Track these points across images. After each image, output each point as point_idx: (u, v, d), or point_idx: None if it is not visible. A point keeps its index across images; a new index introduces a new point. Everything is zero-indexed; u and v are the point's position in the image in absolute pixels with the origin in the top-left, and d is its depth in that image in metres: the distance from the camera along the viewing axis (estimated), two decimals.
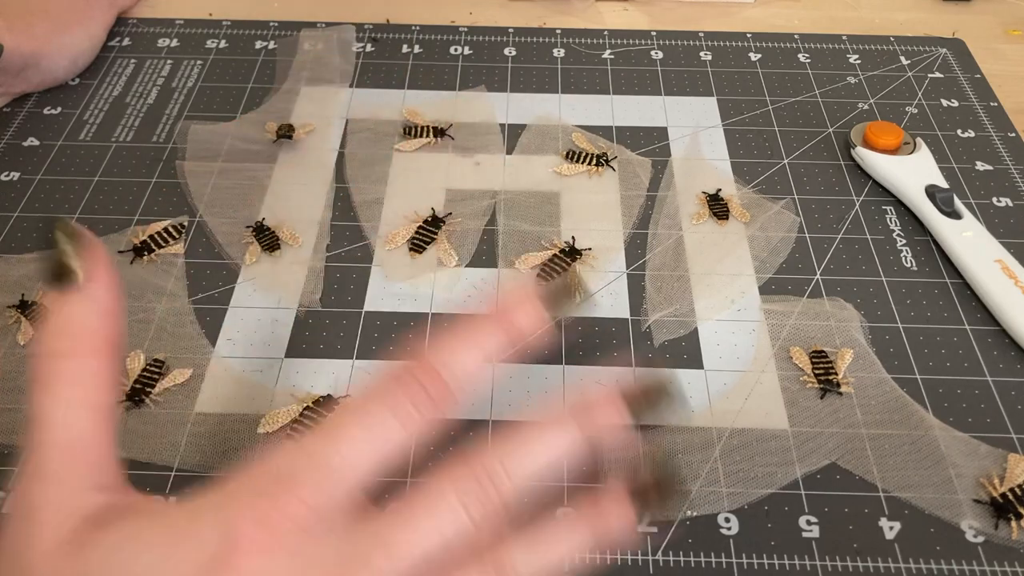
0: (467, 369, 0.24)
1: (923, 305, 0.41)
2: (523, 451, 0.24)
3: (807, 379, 0.37)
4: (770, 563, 0.32)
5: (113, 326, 0.23)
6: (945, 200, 0.44)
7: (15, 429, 0.35)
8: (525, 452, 0.24)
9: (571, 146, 0.49)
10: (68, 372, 0.22)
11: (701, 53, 0.56)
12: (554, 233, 0.44)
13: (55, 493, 0.22)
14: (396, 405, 0.23)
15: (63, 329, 0.23)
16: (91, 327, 0.23)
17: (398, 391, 0.23)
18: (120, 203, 0.45)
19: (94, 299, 0.23)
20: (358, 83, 0.53)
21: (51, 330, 0.23)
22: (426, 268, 0.42)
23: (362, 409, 0.23)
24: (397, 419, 0.23)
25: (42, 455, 0.22)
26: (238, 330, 0.39)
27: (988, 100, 0.52)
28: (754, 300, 0.41)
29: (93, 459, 0.23)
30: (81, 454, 0.22)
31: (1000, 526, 0.33)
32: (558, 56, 0.55)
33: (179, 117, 0.50)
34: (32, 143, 0.48)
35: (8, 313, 0.39)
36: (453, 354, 0.24)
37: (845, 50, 0.56)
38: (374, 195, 0.46)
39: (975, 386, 0.37)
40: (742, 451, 0.35)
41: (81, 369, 0.23)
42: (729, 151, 0.49)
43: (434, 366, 0.24)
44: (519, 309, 0.25)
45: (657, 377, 0.25)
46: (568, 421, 0.24)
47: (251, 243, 0.43)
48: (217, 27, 0.57)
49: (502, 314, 0.25)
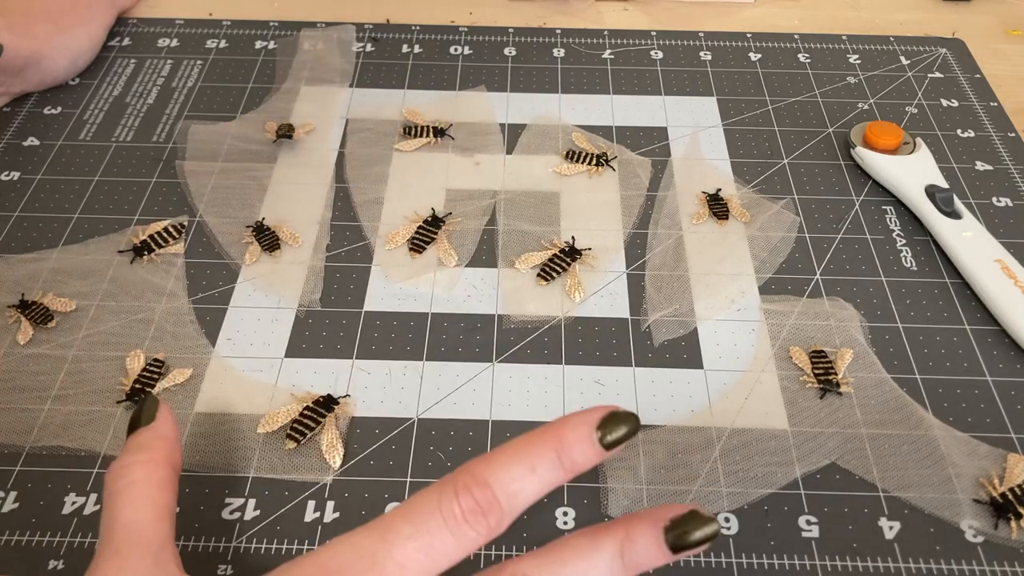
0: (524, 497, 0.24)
1: (923, 305, 0.41)
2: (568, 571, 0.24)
3: (807, 379, 0.37)
4: (770, 563, 0.32)
5: (174, 450, 0.29)
6: (945, 200, 0.44)
7: (15, 429, 0.35)
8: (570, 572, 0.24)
9: (571, 146, 0.49)
10: (136, 474, 0.27)
11: (701, 53, 0.56)
12: (554, 233, 0.44)
13: (116, 565, 0.25)
14: (454, 522, 0.23)
15: (138, 446, 0.28)
16: (157, 446, 0.28)
17: (455, 504, 0.24)
18: (120, 203, 0.45)
19: (161, 431, 0.29)
20: (358, 83, 0.53)
21: (128, 447, 0.28)
22: (426, 268, 0.42)
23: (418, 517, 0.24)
24: (453, 536, 0.23)
25: (110, 535, 0.26)
26: (238, 330, 0.39)
27: (988, 100, 0.52)
28: (754, 300, 0.41)
29: (151, 540, 0.26)
30: (141, 535, 0.26)
31: (1000, 526, 0.33)
32: (558, 56, 0.55)
33: (179, 117, 0.50)
34: (32, 143, 0.48)
35: (8, 313, 0.39)
36: (509, 473, 0.24)
37: (845, 50, 0.56)
38: (374, 195, 0.46)
39: (975, 386, 0.37)
40: (742, 451, 0.35)
41: (147, 473, 0.27)
42: (729, 151, 0.49)
43: (491, 485, 0.24)
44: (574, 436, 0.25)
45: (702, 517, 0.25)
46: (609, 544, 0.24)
47: (251, 243, 0.43)
48: (217, 27, 0.57)
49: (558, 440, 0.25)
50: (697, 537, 0.24)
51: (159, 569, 0.25)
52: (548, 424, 0.25)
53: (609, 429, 0.25)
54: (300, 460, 0.34)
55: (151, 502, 0.27)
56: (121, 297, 0.40)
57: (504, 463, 0.24)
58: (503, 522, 0.24)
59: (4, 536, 0.32)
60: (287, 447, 0.35)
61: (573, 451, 0.25)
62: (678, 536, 0.24)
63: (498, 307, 0.40)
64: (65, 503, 0.33)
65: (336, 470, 0.34)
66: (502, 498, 0.24)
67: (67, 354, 0.38)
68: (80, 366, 0.37)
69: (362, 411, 0.36)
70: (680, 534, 0.24)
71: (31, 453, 0.35)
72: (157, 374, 0.37)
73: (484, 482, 0.24)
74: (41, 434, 0.35)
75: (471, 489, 0.24)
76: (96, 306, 0.40)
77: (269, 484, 0.34)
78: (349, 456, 0.35)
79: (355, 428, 0.36)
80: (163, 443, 0.29)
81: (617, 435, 0.25)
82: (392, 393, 0.37)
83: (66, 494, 0.33)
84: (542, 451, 0.24)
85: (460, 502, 0.24)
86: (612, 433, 0.25)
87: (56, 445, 0.35)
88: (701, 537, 0.24)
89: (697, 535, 0.24)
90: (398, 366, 0.38)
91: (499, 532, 0.24)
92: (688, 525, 0.24)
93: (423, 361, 0.38)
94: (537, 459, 0.24)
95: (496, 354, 0.38)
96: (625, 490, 0.34)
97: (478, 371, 0.38)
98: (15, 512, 0.33)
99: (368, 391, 0.37)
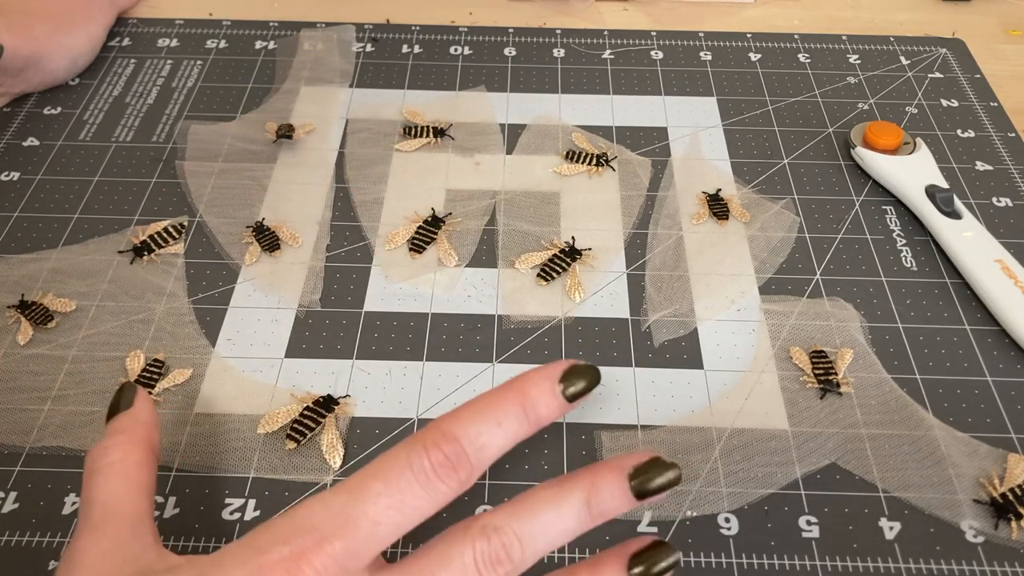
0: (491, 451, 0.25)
1: (923, 305, 0.41)
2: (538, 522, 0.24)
3: (807, 379, 0.37)
4: (770, 563, 0.32)
5: (152, 432, 0.30)
6: (945, 200, 0.44)
7: (15, 429, 0.35)
8: (539, 524, 0.24)
9: (571, 146, 0.49)
10: (115, 454, 0.28)
11: (701, 53, 0.56)
12: (554, 233, 0.44)
13: (94, 538, 0.25)
14: (424, 477, 0.24)
15: (115, 429, 0.29)
16: (135, 429, 0.29)
17: (424, 459, 0.24)
18: (120, 203, 0.45)
19: (138, 415, 0.30)
20: (358, 83, 0.53)
21: (107, 431, 0.29)
22: (426, 268, 0.42)
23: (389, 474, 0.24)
24: (424, 490, 0.24)
25: (88, 511, 0.26)
26: (238, 330, 0.39)
27: (988, 100, 0.52)
28: (754, 300, 0.41)
29: (128, 513, 0.26)
30: (118, 509, 0.26)
31: (1000, 526, 0.33)
32: (558, 56, 0.55)
33: (179, 117, 0.50)
34: (32, 143, 0.48)
35: (8, 313, 0.39)
36: (476, 428, 0.25)
37: (845, 50, 0.56)
38: (374, 195, 0.46)
39: (975, 386, 0.37)
40: (742, 451, 0.35)
41: (125, 452, 0.28)
42: (729, 151, 0.49)
43: (460, 440, 0.24)
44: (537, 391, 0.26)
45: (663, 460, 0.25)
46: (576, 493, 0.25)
47: (251, 243, 0.43)
48: (217, 27, 0.57)
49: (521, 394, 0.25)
50: (660, 483, 0.25)
51: (136, 542, 0.26)
52: (511, 380, 0.26)
53: (570, 382, 0.26)
54: (300, 460, 0.34)
55: (128, 479, 0.27)
56: (121, 297, 0.40)
57: (471, 418, 0.25)
58: (472, 475, 0.25)
59: (4, 536, 0.32)
60: (287, 447, 0.35)
61: (537, 405, 0.25)
62: (641, 483, 0.25)
63: (498, 307, 0.40)
64: (65, 503, 0.33)
65: (336, 470, 0.34)
66: (471, 451, 0.24)
67: (67, 354, 0.38)
68: (80, 366, 0.37)
69: (362, 411, 0.36)
70: (643, 480, 0.25)
71: (31, 453, 0.35)
72: (157, 374, 0.37)
73: (453, 437, 0.24)
74: (41, 434, 0.35)
75: (440, 444, 0.24)
76: (96, 306, 0.40)
77: (269, 484, 0.34)
78: (349, 456, 0.35)
79: (355, 428, 0.36)
80: (141, 426, 0.29)
81: (578, 387, 0.26)
82: (392, 393, 0.37)
83: (66, 494, 0.33)
84: (507, 406, 0.25)
85: (430, 457, 0.24)
86: (573, 386, 0.26)
87: (56, 445, 0.35)
88: (664, 482, 0.25)
89: (659, 481, 0.25)
90: (398, 366, 0.38)
91: (468, 485, 0.25)
92: (651, 472, 0.25)
93: (423, 361, 0.38)
94: (503, 414, 0.25)
95: (496, 354, 0.38)
96: None
97: (478, 371, 0.38)
98: (15, 512, 0.33)
99: (368, 391, 0.37)
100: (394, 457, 0.24)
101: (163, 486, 0.34)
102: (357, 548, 0.23)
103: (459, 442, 0.24)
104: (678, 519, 0.33)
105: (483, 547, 0.24)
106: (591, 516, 0.25)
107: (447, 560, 0.24)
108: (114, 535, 0.26)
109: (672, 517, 0.33)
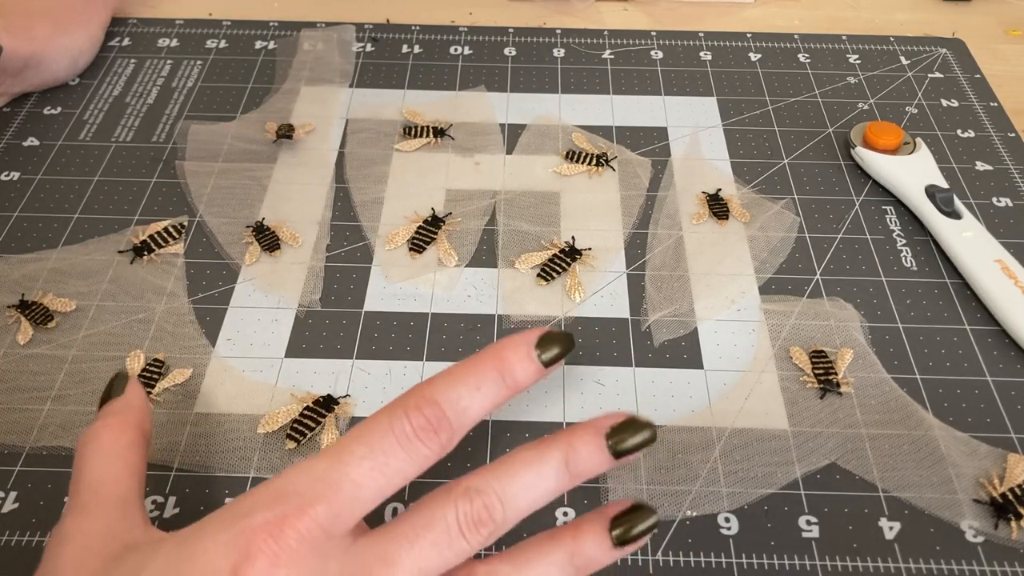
0: (471, 414, 0.25)
1: (923, 305, 0.41)
2: (518, 483, 0.25)
3: (807, 379, 0.37)
4: (770, 563, 0.32)
5: (143, 416, 0.30)
6: (945, 200, 0.44)
7: (15, 429, 0.35)
8: (520, 484, 0.25)
9: (571, 146, 0.49)
10: (105, 436, 0.28)
11: (701, 53, 0.56)
12: (554, 233, 0.44)
13: (82, 518, 0.25)
14: (406, 440, 0.24)
15: (107, 412, 0.29)
16: (128, 413, 0.29)
17: (406, 423, 0.24)
18: (120, 203, 0.45)
19: (129, 401, 0.30)
20: (358, 83, 0.53)
21: (99, 415, 0.29)
22: (426, 268, 0.42)
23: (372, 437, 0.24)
24: (406, 453, 0.24)
25: (76, 492, 0.26)
26: (238, 330, 0.39)
27: (988, 100, 0.52)
28: (754, 300, 0.41)
29: (117, 494, 0.26)
30: (106, 489, 0.26)
31: (1000, 526, 0.33)
32: (558, 56, 0.55)
33: (179, 117, 0.50)
34: (32, 143, 0.48)
35: (8, 313, 0.39)
36: (456, 392, 0.25)
37: (845, 50, 0.56)
38: (374, 195, 0.46)
39: (975, 386, 0.37)
40: (742, 451, 0.35)
41: (115, 435, 0.28)
42: (729, 151, 0.49)
43: (440, 403, 0.25)
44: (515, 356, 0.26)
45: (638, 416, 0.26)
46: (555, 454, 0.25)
47: (251, 243, 0.43)
48: (217, 27, 0.57)
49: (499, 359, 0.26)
50: (635, 442, 0.25)
51: (125, 521, 0.26)
52: (489, 345, 0.26)
53: (545, 347, 0.26)
54: (300, 460, 0.34)
55: (119, 460, 0.27)
56: (121, 297, 0.40)
57: (451, 383, 0.25)
58: (453, 438, 0.25)
59: (4, 536, 0.32)
60: (287, 447, 0.35)
61: (514, 369, 0.26)
62: (618, 442, 0.25)
63: (498, 307, 0.40)
64: (65, 503, 0.33)
65: None
66: (451, 415, 0.25)
67: (67, 354, 0.38)
68: (80, 366, 0.37)
69: (362, 411, 0.36)
70: (619, 440, 0.25)
71: (31, 453, 0.35)
72: (157, 374, 0.37)
73: (433, 401, 0.25)
74: (41, 434, 0.35)
75: (421, 408, 0.24)
76: (96, 306, 0.40)
77: None
78: None
79: None
80: (133, 410, 0.29)
81: (552, 353, 0.26)
82: (392, 393, 0.37)
83: (66, 494, 0.33)
84: (485, 371, 0.25)
85: (411, 420, 0.24)
86: (548, 351, 0.26)
87: (56, 445, 0.35)
88: (639, 441, 0.25)
89: (635, 440, 0.25)
90: (398, 366, 0.38)
91: (449, 448, 0.25)
92: (626, 431, 0.25)
93: (423, 361, 0.38)
94: (481, 378, 0.25)
95: None
96: (625, 490, 0.34)
97: None
98: (15, 512, 0.33)
99: (368, 391, 0.37)
100: (376, 421, 0.24)
101: (163, 486, 0.34)
102: (340, 511, 0.23)
103: (439, 406, 0.25)
104: (678, 519, 0.33)
105: (465, 508, 0.24)
106: (570, 476, 0.25)
107: (430, 522, 0.24)
108: (102, 515, 0.26)
109: (672, 517, 0.33)
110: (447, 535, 0.24)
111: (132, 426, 0.29)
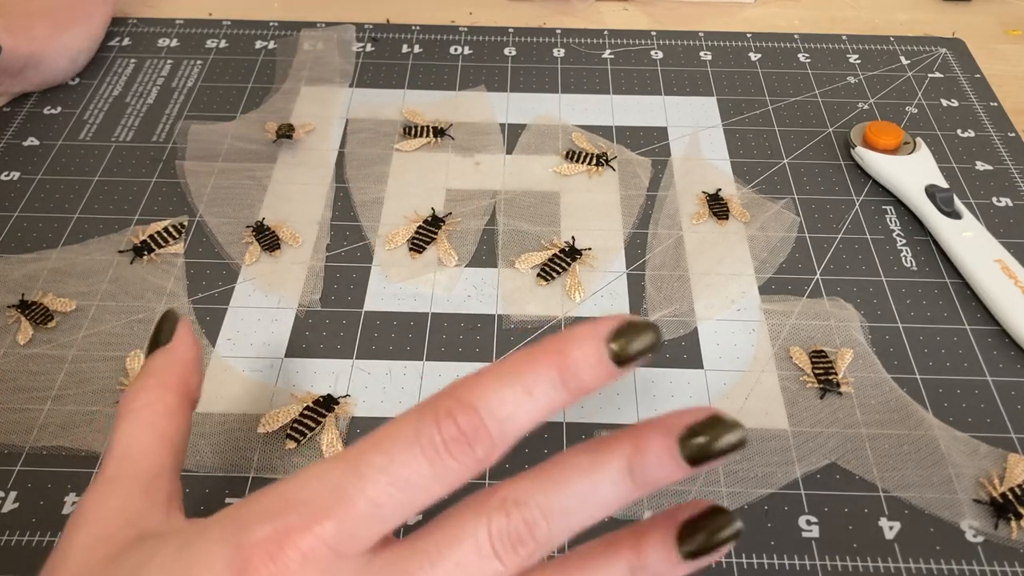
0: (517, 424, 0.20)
1: (923, 305, 0.41)
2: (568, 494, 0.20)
3: (807, 379, 0.37)
4: (770, 563, 0.32)
5: (189, 375, 0.27)
6: (945, 200, 0.44)
7: (15, 429, 0.35)
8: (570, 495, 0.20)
9: (571, 146, 0.49)
10: (140, 400, 0.25)
11: (701, 53, 0.56)
12: (554, 233, 0.44)
13: (103, 492, 0.23)
14: (433, 453, 0.20)
15: (148, 371, 0.26)
16: (170, 371, 0.26)
17: (435, 431, 0.20)
18: (120, 203, 0.45)
19: (176, 354, 0.27)
20: (358, 83, 0.53)
21: (140, 373, 0.26)
22: (426, 268, 0.42)
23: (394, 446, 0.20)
24: (433, 468, 0.20)
25: (105, 463, 0.24)
26: (238, 330, 0.39)
27: (988, 100, 0.52)
28: (754, 300, 0.41)
29: (143, 468, 0.24)
30: (133, 463, 0.24)
31: (1000, 526, 0.33)
32: (558, 56, 0.55)
33: (179, 117, 0.50)
34: (32, 143, 0.48)
35: (8, 313, 0.39)
36: (500, 395, 0.20)
37: (845, 50, 0.56)
38: (374, 195, 0.46)
39: (975, 386, 0.37)
40: (742, 451, 0.35)
41: (151, 399, 0.25)
42: (729, 151, 0.49)
43: (478, 410, 0.20)
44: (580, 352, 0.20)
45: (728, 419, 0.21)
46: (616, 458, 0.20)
47: (251, 243, 0.43)
48: (217, 27, 0.57)
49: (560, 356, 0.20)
50: (721, 445, 0.20)
51: (146, 499, 0.23)
52: (548, 337, 0.21)
53: (624, 342, 0.20)
54: (300, 460, 0.35)
55: (151, 429, 0.25)
56: (121, 297, 0.40)
57: (495, 384, 0.20)
58: (493, 453, 0.20)
59: (4, 536, 0.32)
60: (287, 447, 0.35)
61: (579, 369, 0.20)
62: (699, 447, 0.20)
63: (498, 307, 0.40)
64: (65, 503, 0.33)
65: None
66: (491, 424, 0.20)
67: (67, 354, 0.38)
68: (80, 366, 0.37)
69: (362, 411, 0.36)
70: (701, 444, 0.20)
71: (31, 453, 0.35)
72: None
73: (470, 406, 0.20)
74: (41, 434, 0.35)
75: (455, 414, 0.20)
76: (96, 306, 0.40)
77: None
78: None
79: (355, 428, 0.36)
80: (177, 367, 0.26)
81: (633, 349, 0.20)
82: (392, 393, 0.37)
83: (66, 494, 0.33)
84: (541, 370, 0.20)
85: (441, 430, 0.20)
86: (627, 347, 0.20)
87: (56, 445, 0.35)
88: (725, 446, 0.20)
89: (721, 443, 0.20)
90: (398, 366, 0.38)
91: (488, 464, 0.20)
92: (709, 432, 0.20)
93: (423, 361, 0.38)
94: (535, 379, 0.20)
95: (496, 354, 0.38)
96: None
97: None
98: (15, 512, 0.33)
99: (368, 391, 0.37)
100: (401, 426, 0.20)
101: None
102: (353, 530, 0.20)
103: (478, 412, 0.20)
104: None
105: (500, 523, 0.20)
106: (635, 486, 0.20)
107: (457, 539, 0.20)
108: (123, 492, 0.23)
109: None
110: (476, 555, 0.20)
111: (173, 388, 0.26)
